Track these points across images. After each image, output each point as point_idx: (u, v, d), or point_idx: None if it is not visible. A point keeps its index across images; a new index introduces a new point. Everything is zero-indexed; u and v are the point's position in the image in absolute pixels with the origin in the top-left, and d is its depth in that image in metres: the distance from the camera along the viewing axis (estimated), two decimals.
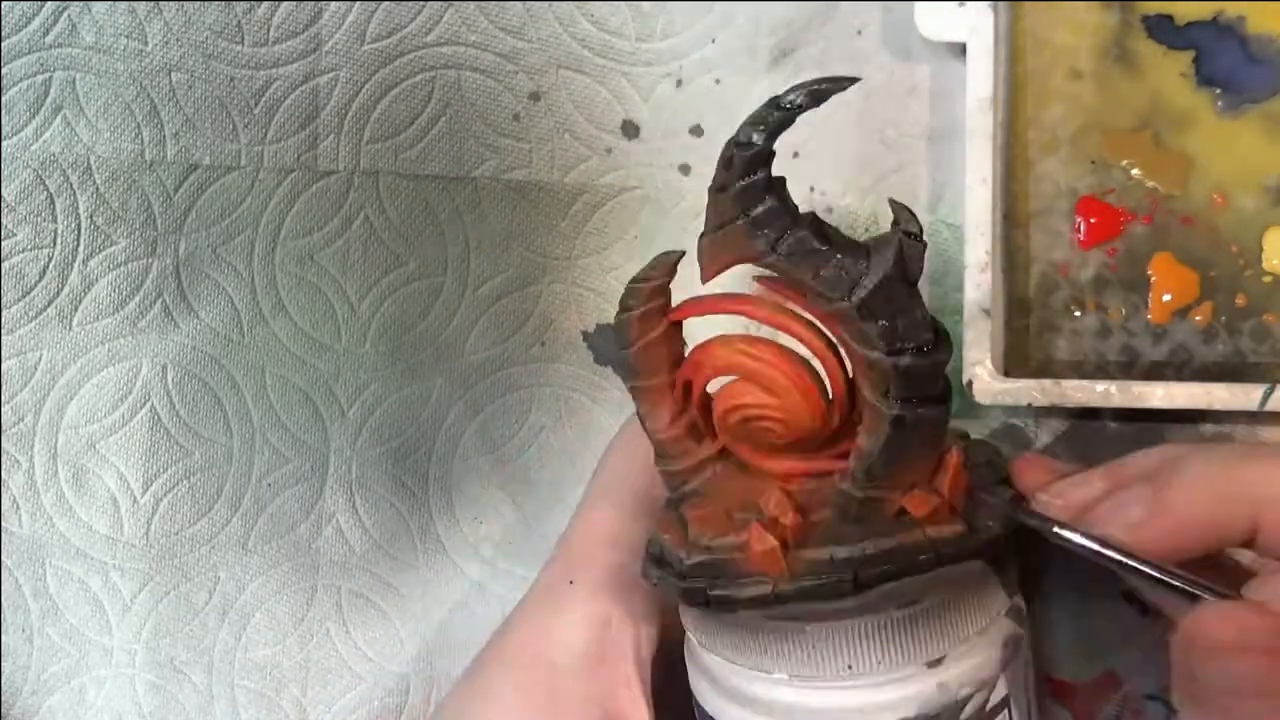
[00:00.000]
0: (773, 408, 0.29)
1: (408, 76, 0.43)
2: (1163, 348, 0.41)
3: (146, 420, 0.43)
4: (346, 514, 0.43)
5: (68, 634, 0.43)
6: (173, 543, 0.43)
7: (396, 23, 0.43)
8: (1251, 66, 0.41)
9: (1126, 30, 0.41)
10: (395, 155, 0.43)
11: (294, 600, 0.43)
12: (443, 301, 0.43)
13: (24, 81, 0.43)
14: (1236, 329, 0.41)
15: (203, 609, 0.43)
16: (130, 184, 0.43)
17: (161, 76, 0.43)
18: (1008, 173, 0.41)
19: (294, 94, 0.43)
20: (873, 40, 0.42)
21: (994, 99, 0.40)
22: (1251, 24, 0.41)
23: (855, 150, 0.42)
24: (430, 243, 0.43)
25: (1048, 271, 0.41)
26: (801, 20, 0.43)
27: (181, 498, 0.43)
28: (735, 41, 0.43)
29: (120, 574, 0.43)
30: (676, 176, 0.43)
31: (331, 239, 0.43)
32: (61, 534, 0.43)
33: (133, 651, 0.43)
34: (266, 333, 0.43)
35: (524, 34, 0.43)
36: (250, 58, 0.43)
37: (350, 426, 0.43)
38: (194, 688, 0.43)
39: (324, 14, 0.43)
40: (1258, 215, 0.41)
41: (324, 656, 0.43)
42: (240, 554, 0.43)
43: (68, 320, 0.43)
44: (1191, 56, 0.41)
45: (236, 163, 0.43)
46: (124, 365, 0.43)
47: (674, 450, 0.31)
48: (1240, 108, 0.41)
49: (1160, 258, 0.41)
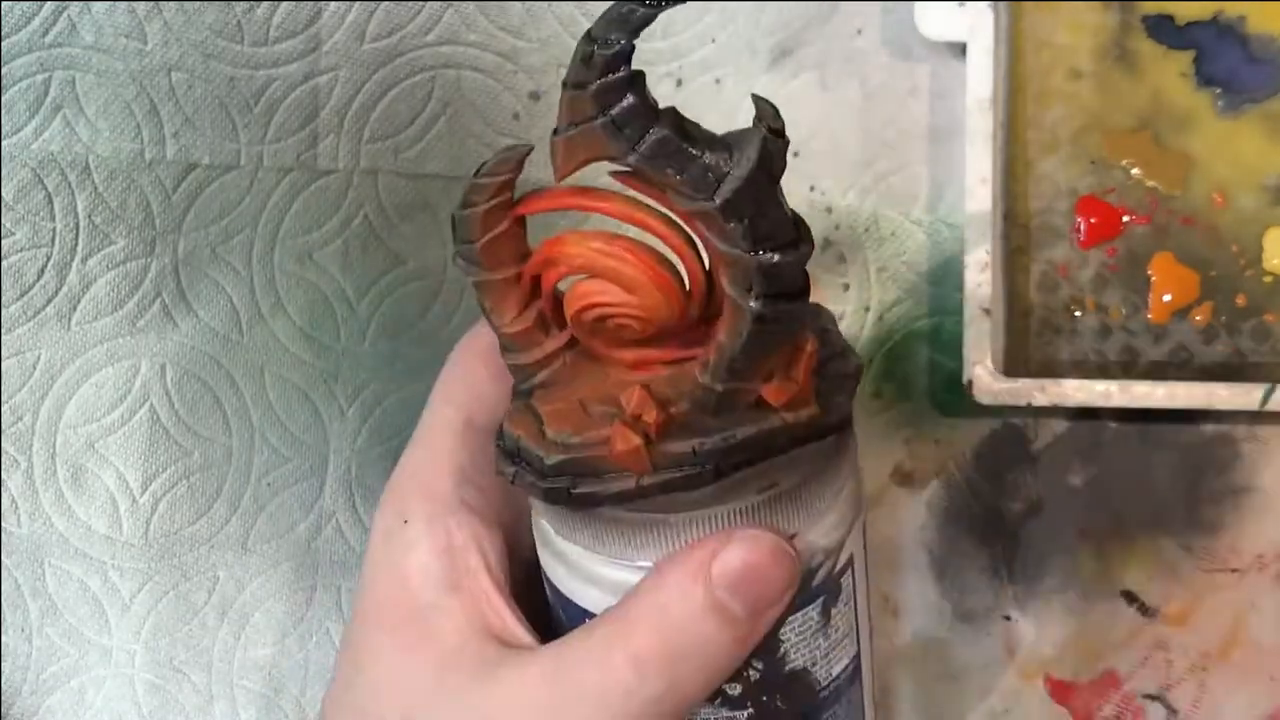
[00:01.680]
0: (630, 305, 0.28)
1: (407, 76, 0.43)
2: (1163, 348, 0.41)
3: (145, 420, 0.43)
4: (346, 513, 0.43)
5: (67, 634, 0.43)
6: (172, 542, 0.43)
7: (396, 22, 0.43)
8: (1251, 66, 0.41)
9: (1126, 30, 0.41)
10: (395, 155, 0.43)
11: (294, 600, 0.43)
12: (442, 301, 0.43)
13: (23, 81, 0.43)
14: (1236, 329, 0.41)
15: (202, 609, 0.43)
16: (129, 183, 0.43)
17: (161, 76, 0.43)
18: (1008, 173, 0.41)
19: (294, 94, 0.43)
20: (873, 40, 0.42)
21: (994, 99, 0.40)
22: (1251, 24, 0.41)
23: (855, 150, 0.42)
24: (430, 243, 0.43)
25: (1048, 271, 0.41)
26: (801, 20, 0.43)
27: (181, 497, 0.43)
28: (735, 41, 0.43)
29: (119, 574, 0.43)
30: None
31: (331, 238, 0.43)
32: (60, 534, 0.43)
33: (132, 651, 0.43)
34: (265, 332, 0.43)
35: (524, 34, 0.43)
36: (250, 57, 0.43)
37: (350, 426, 0.43)
38: (193, 687, 0.43)
39: (324, 14, 0.43)
40: (1258, 215, 0.41)
41: (324, 656, 0.43)
42: (240, 553, 0.43)
43: (66, 320, 0.43)
44: (1191, 56, 0.41)
45: (236, 162, 0.43)
46: (123, 365, 0.43)
47: (521, 343, 0.30)
48: (1240, 108, 0.41)
49: (1160, 258, 0.41)
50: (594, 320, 0.29)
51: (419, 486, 0.33)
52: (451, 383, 0.34)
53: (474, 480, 0.33)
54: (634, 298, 0.28)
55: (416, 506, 0.32)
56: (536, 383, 0.30)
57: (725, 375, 0.27)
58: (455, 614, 0.31)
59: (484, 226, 0.29)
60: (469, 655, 0.31)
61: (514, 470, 0.29)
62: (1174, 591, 0.42)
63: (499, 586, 0.32)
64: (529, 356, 0.30)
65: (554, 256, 0.29)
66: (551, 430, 0.29)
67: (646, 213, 0.28)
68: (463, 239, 0.29)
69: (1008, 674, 0.43)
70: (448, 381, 0.34)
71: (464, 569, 0.32)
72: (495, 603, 0.31)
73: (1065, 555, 0.42)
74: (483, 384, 0.34)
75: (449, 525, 0.32)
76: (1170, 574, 0.42)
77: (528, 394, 0.30)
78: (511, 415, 0.30)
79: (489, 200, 0.29)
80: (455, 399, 0.34)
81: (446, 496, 0.32)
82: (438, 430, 0.34)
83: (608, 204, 0.29)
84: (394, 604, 0.32)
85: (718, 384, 0.28)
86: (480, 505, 0.32)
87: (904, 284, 0.43)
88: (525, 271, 0.30)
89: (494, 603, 0.31)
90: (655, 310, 0.28)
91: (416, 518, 0.32)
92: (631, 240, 0.28)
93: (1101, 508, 0.42)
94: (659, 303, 0.28)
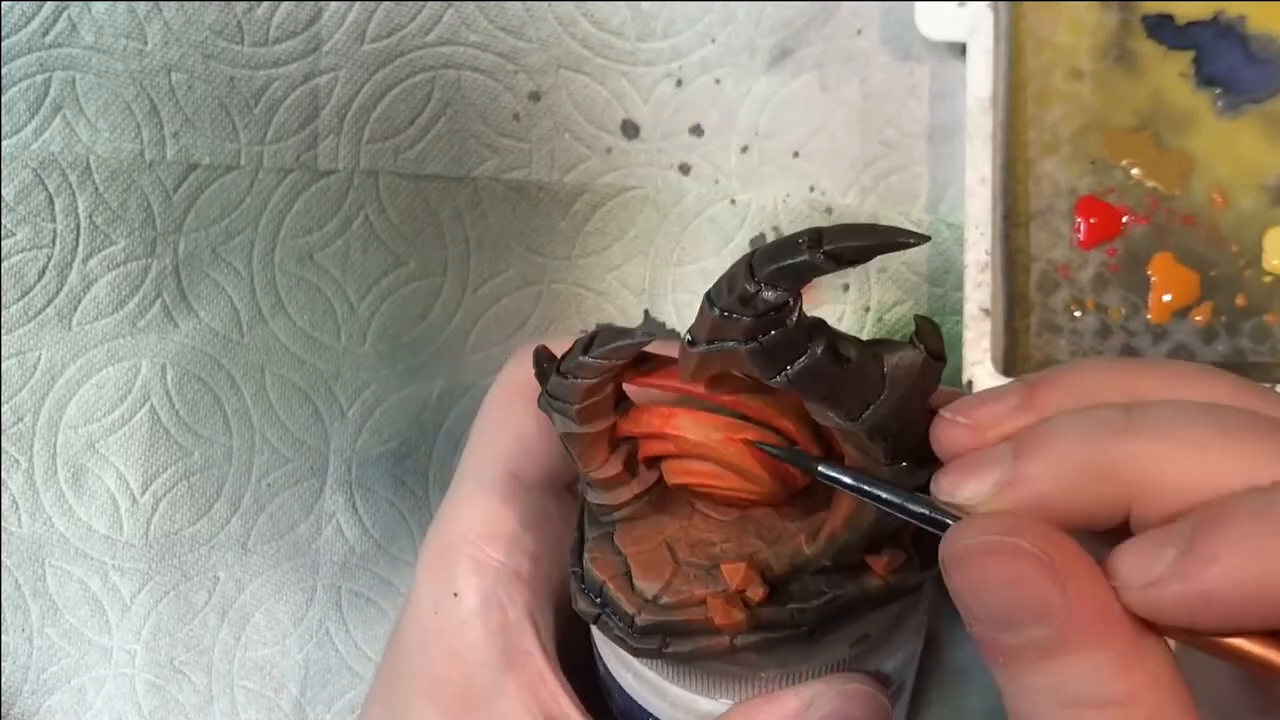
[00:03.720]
0: (744, 489, 0.27)
1: (407, 76, 0.43)
2: (1163, 348, 0.41)
3: (146, 420, 0.43)
4: (346, 514, 0.43)
5: (67, 634, 0.43)
6: (172, 543, 0.43)
7: (396, 23, 0.43)
8: (1251, 66, 0.41)
9: (1126, 30, 0.41)
10: (395, 155, 0.43)
11: (294, 600, 0.43)
12: (443, 301, 0.43)
13: (24, 81, 0.43)
14: (1236, 329, 0.41)
15: (202, 609, 0.43)
16: (130, 184, 0.43)
17: (161, 76, 0.43)
18: (1008, 173, 0.41)
19: (294, 94, 0.43)
20: (873, 40, 0.42)
21: (994, 99, 0.40)
22: (1251, 24, 0.41)
23: (855, 150, 0.42)
24: (430, 243, 0.43)
25: (1048, 271, 0.41)
26: (801, 20, 0.43)
27: (181, 498, 0.43)
28: (735, 41, 0.43)
29: (120, 574, 0.43)
30: (676, 176, 0.43)
31: (331, 239, 0.43)
32: (61, 534, 0.43)
33: (132, 651, 0.43)
34: (266, 332, 0.43)
35: (524, 34, 0.43)
36: (250, 58, 0.43)
37: (350, 426, 0.43)
38: (193, 688, 0.43)
39: (324, 14, 0.43)
40: (1258, 215, 0.41)
41: (324, 656, 0.43)
42: (240, 554, 0.43)
43: (67, 320, 0.43)
44: (1191, 56, 0.41)
45: (236, 162, 0.43)
46: (123, 365, 0.43)
47: (608, 486, 0.29)
48: (1240, 108, 0.41)
49: (1160, 258, 0.41)
50: (694, 488, 0.28)
51: (468, 555, 0.31)
52: (495, 433, 0.33)
53: (525, 548, 0.32)
54: (749, 485, 0.27)
55: (467, 579, 0.31)
56: (620, 518, 0.29)
57: (835, 553, 0.27)
58: (512, 698, 0.30)
59: (586, 394, 0.27)
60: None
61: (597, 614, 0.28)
62: None
63: (553, 668, 0.31)
64: (614, 498, 0.29)
65: (667, 435, 0.28)
66: (641, 581, 0.28)
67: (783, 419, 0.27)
68: (558, 397, 0.27)
69: None
70: (490, 430, 0.33)
71: (518, 649, 0.31)
72: (551, 686, 0.31)
73: None
74: (529, 436, 0.32)
75: (501, 600, 0.31)
76: None
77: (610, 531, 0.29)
78: (593, 553, 0.28)
79: (593, 379, 0.27)
80: (500, 453, 0.32)
81: (498, 569, 0.31)
82: (485, 490, 0.32)
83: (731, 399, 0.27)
84: (447, 682, 0.31)
85: (825, 559, 0.27)
86: (532, 576, 0.31)
87: (904, 284, 0.43)
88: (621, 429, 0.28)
89: (549, 686, 0.31)
90: (770, 494, 0.27)
91: (468, 592, 0.31)
92: (754, 431, 0.27)
93: None
94: (776, 490, 0.27)
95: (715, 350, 0.24)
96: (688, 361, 0.25)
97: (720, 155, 0.43)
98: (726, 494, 0.28)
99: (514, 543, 0.31)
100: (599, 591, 0.28)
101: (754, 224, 0.43)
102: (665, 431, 0.27)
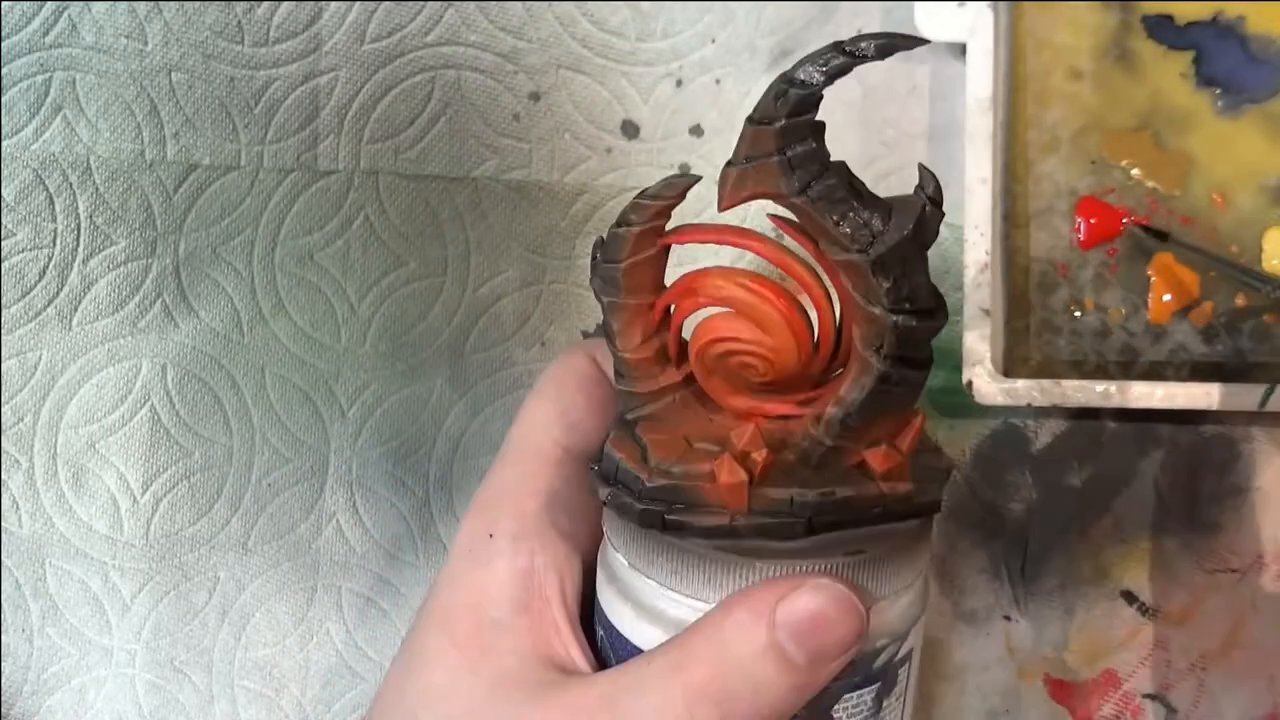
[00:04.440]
0: (760, 345, 0.29)
1: (408, 76, 0.43)
2: (1163, 348, 0.41)
3: (146, 420, 0.43)
4: (346, 514, 0.43)
5: (67, 634, 0.43)
6: (173, 543, 0.43)
7: (396, 23, 0.43)
8: (1251, 66, 0.41)
9: (1126, 30, 0.41)
10: (395, 155, 0.43)
11: (294, 600, 0.43)
12: (443, 301, 0.43)
13: (24, 81, 0.43)
14: (1236, 329, 0.41)
15: (202, 609, 0.43)
16: (130, 184, 0.43)
17: (161, 76, 0.43)
18: (1008, 173, 0.41)
19: (294, 94, 0.43)
20: None
21: (994, 99, 0.40)
22: (1251, 24, 0.41)
23: (855, 150, 0.42)
24: (430, 243, 0.43)
25: (1048, 271, 0.41)
26: (801, 20, 0.43)
27: (181, 498, 0.43)
28: (735, 41, 0.43)
29: (120, 574, 0.43)
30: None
31: (331, 239, 0.43)
32: (61, 534, 0.43)
33: (132, 651, 0.43)
34: (266, 333, 0.43)
35: (524, 34, 0.43)
36: (250, 58, 0.43)
37: (350, 426, 0.43)
38: (194, 688, 0.43)
39: (324, 14, 0.43)
40: (1258, 215, 0.41)
41: (324, 656, 0.43)
42: (240, 554, 0.43)
43: (67, 320, 0.43)
44: (1191, 56, 0.41)
45: (236, 162, 0.43)
46: (124, 365, 0.43)
47: (638, 372, 0.31)
48: (1240, 108, 0.41)
49: (1160, 258, 0.41)
50: (719, 355, 0.30)
51: (509, 504, 0.33)
52: (548, 408, 0.34)
53: (563, 505, 0.33)
54: (766, 337, 0.29)
55: (504, 524, 0.32)
56: (643, 414, 0.31)
57: (838, 429, 0.28)
58: (521, 636, 0.31)
59: (634, 248, 0.30)
60: (525, 678, 0.30)
61: (609, 491, 0.30)
62: (1173, 591, 0.42)
63: (570, 617, 0.32)
64: (643, 386, 0.31)
65: (697, 286, 0.30)
66: (654, 458, 0.29)
67: (794, 259, 0.29)
68: (609, 258, 0.30)
69: (1008, 674, 0.43)
70: (543, 405, 0.34)
71: (539, 593, 0.32)
72: (564, 632, 0.31)
73: (1065, 555, 0.42)
74: (580, 414, 0.34)
75: (533, 546, 0.32)
76: (1170, 574, 0.42)
77: (633, 424, 0.31)
78: (614, 440, 0.30)
79: (646, 222, 0.29)
80: (552, 425, 0.34)
81: (535, 517, 0.32)
82: (531, 453, 0.34)
83: (759, 244, 0.29)
84: (462, 614, 0.32)
85: (828, 438, 0.28)
86: (569, 530, 0.33)
87: None
88: (661, 301, 0.30)
89: (562, 632, 0.31)
90: (783, 354, 0.29)
91: (502, 534, 0.32)
92: (776, 282, 0.29)
93: (1101, 508, 0.42)
94: (789, 347, 0.29)
95: (751, 165, 0.28)
96: (726, 181, 0.28)
97: (720, 155, 0.43)
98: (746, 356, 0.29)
99: (553, 498, 0.33)
100: (614, 470, 0.30)
101: (754, 224, 0.43)
102: (695, 285, 0.30)
